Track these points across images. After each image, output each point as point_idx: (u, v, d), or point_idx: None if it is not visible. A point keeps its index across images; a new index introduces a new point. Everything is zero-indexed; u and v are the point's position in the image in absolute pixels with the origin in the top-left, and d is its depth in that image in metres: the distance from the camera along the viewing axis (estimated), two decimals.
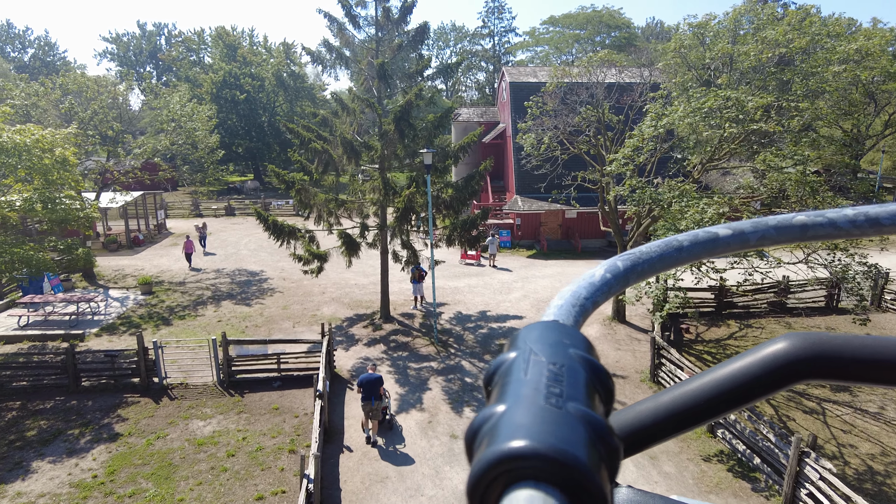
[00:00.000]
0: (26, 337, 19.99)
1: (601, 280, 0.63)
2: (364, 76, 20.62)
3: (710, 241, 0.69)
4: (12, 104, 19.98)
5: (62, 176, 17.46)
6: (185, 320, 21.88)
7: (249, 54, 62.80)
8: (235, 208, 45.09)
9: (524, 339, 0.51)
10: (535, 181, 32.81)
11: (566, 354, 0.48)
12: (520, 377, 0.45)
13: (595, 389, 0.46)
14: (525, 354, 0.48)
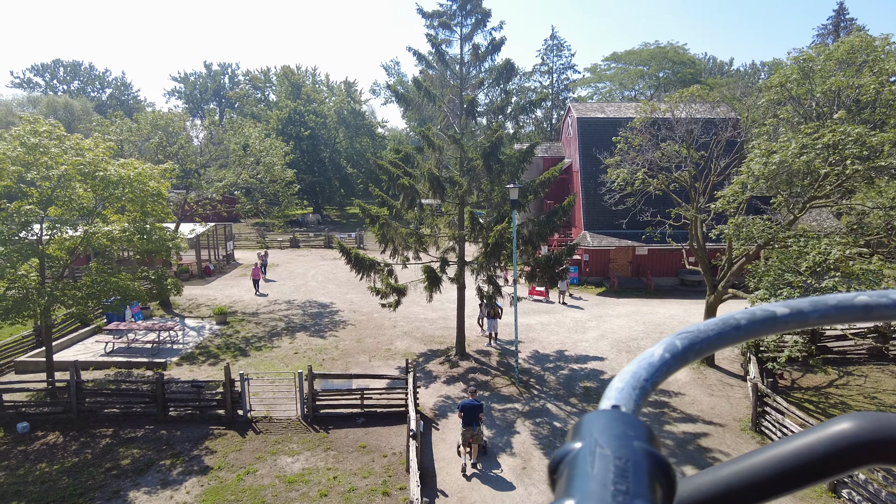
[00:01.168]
0: (113, 363, 20.42)
1: (660, 360, 0.64)
2: (444, 113, 20.70)
3: (768, 319, 0.69)
4: (111, 139, 20.88)
5: (155, 208, 17.99)
6: (261, 351, 21.97)
7: (312, 92, 65.02)
8: (299, 240, 45.91)
9: (589, 430, 0.52)
10: (603, 217, 32.15)
11: (631, 448, 0.50)
12: (586, 471, 0.47)
13: (658, 483, 0.48)
14: (591, 447, 0.50)
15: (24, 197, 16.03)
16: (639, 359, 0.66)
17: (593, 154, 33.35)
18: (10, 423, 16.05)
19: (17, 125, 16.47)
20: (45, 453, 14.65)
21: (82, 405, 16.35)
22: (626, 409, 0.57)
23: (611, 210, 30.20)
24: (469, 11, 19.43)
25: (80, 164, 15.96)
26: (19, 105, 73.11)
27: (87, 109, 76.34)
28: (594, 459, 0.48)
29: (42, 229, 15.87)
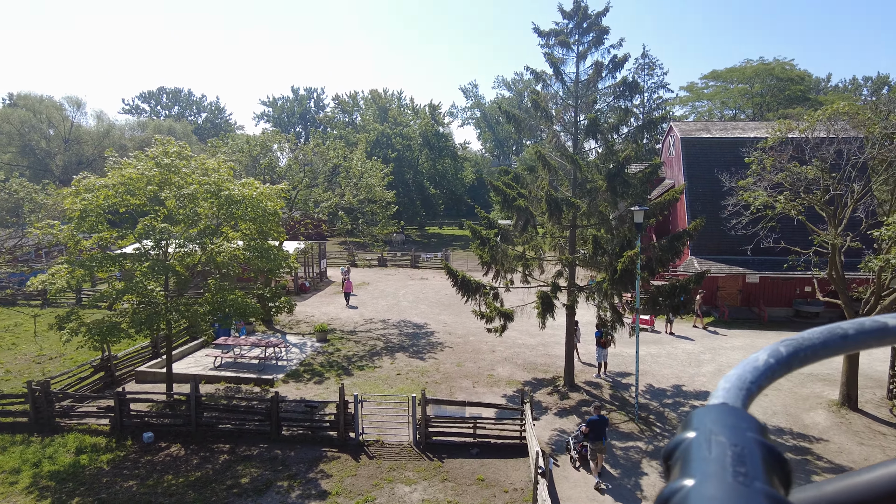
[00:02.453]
0: (223, 378, 20.86)
1: (765, 365, 0.65)
2: (552, 133, 20.04)
3: (877, 330, 0.67)
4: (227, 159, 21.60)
5: (272, 227, 18.30)
6: (364, 371, 21.84)
7: (398, 115, 66.30)
8: (387, 259, 46.30)
9: (701, 421, 0.55)
10: (711, 242, 30.26)
11: (745, 437, 0.52)
12: (704, 455, 0.50)
13: (773, 471, 0.50)
14: (706, 435, 0.53)
15: (153, 214, 16.71)
16: (744, 363, 0.66)
17: (699, 175, 31.69)
18: (137, 432, 16.54)
19: (152, 146, 17.26)
20: (171, 465, 14.90)
21: (200, 419, 16.64)
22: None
23: (719, 235, 28.39)
24: (586, 29, 18.81)
25: (206, 183, 16.47)
26: (131, 129, 78.91)
27: (186, 132, 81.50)
28: (710, 445, 0.51)
29: (168, 246, 16.40)
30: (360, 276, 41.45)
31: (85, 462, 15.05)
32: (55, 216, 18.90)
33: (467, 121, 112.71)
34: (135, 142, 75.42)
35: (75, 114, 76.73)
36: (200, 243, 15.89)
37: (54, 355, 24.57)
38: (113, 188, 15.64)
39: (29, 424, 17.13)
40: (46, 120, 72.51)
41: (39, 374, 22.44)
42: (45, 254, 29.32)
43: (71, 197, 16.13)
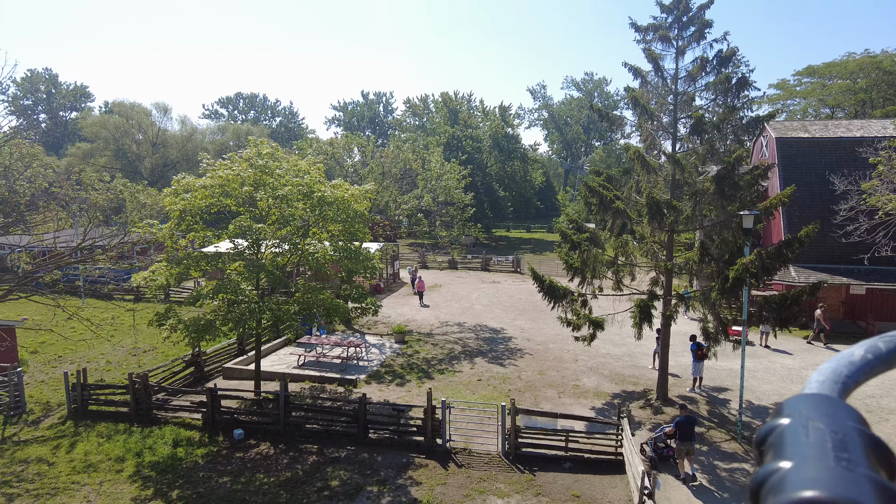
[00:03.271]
0: (307, 377, 21.05)
1: (861, 360, 0.63)
2: (647, 132, 19.03)
3: None
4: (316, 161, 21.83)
5: (359, 229, 18.27)
6: (444, 375, 21.52)
7: (468, 117, 66.07)
8: (457, 262, 46.05)
9: (796, 408, 0.54)
10: (809, 249, 28.11)
11: (846, 425, 0.51)
12: (801, 440, 0.49)
13: (879, 461, 0.49)
14: (802, 421, 0.52)
15: (247, 214, 16.99)
16: (838, 357, 0.64)
17: (796, 178, 29.55)
18: (228, 428, 16.86)
19: (246, 148, 17.59)
20: (261, 464, 15.03)
21: (289, 418, 16.76)
22: None
23: (817, 242, 26.31)
24: (686, 23, 17.76)
25: (299, 184, 16.60)
26: (211, 133, 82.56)
27: (263, 136, 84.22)
28: (808, 431, 0.50)
29: (262, 245, 16.61)
30: (432, 278, 41.34)
31: (181, 455, 15.43)
32: (153, 216, 19.61)
33: (534, 122, 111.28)
34: (215, 145, 78.85)
35: (162, 119, 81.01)
36: (293, 244, 15.99)
37: (148, 348, 25.66)
38: (210, 189, 16.00)
39: (129, 415, 17.82)
40: (137, 125, 76.89)
41: (136, 366, 23.46)
42: (143, 251, 30.77)
43: (171, 197, 16.65)
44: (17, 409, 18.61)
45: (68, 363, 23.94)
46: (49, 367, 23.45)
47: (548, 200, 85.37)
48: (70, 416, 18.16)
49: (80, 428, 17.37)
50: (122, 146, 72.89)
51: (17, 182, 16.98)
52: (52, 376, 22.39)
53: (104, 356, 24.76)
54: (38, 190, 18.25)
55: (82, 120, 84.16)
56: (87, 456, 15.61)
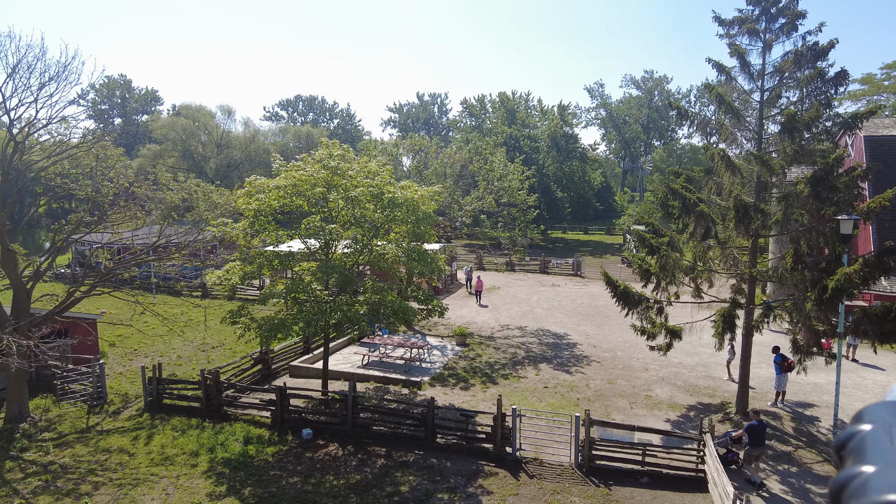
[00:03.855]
0: (372, 377, 21.04)
1: None
2: (726, 131, 18.00)
3: None
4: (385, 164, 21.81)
5: (427, 230, 18.07)
6: (509, 381, 21.07)
7: (526, 117, 65.27)
8: (515, 264, 45.41)
9: (878, 415, 0.53)
10: None
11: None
12: (884, 445, 0.50)
13: None
14: (885, 427, 0.51)
15: (319, 215, 17.06)
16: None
17: (889, 180, 27.48)
18: (296, 427, 16.98)
19: (318, 149, 17.69)
20: (330, 465, 15.02)
21: (356, 419, 16.72)
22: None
23: None
24: (774, 15, 16.69)
25: (370, 185, 16.54)
26: (273, 134, 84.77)
27: (323, 137, 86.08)
28: (892, 437, 0.49)
29: (333, 246, 16.63)
30: (489, 279, 40.87)
31: (252, 452, 15.61)
32: (223, 215, 20.02)
33: (591, 122, 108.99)
34: (277, 146, 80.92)
35: (226, 121, 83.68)
36: (364, 244, 15.93)
37: (216, 344, 26.35)
38: (283, 189, 16.14)
39: (201, 410, 18.22)
40: (203, 127, 79.73)
41: (205, 361, 24.10)
42: (212, 249, 31.69)
43: (244, 197, 16.91)
44: (100, 399, 19.37)
45: (143, 356, 24.84)
46: (126, 360, 24.39)
47: (605, 201, 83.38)
48: (146, 408, 18.75)
49: (157, 421, 17.88)
50: (188, 147, 75.77)
51: (102, 183, 17.64)
52: (129, 368, 23.27)
53: (175, 351, 25.57)
54: (119, 189, 18.92)
55: (152, 122, 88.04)
56: (163, 449, 16.03)
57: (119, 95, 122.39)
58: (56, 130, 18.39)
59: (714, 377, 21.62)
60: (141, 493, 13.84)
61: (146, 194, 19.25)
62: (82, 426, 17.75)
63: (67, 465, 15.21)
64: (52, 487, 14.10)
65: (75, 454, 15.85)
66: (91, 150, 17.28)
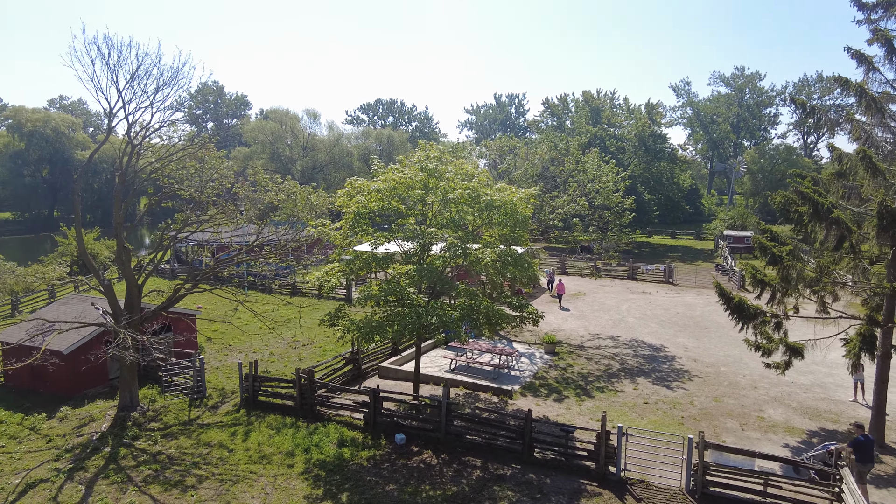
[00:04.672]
0: (461, 383, 20.60)
1: None
2: (857, 128, 16.14)
3: None
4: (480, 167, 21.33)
5: (521, 233, 17.39)
6: (605, 394, 20.02)
7: (612, 116, 63.06)
8: (600, 269, 43.78)
9: None
10: None
11: None
12: None
13: None
14: None
15: (415, 217, 16.79)
16: None
17: None
18: (388, 431, 16.77)
19: (416, 151, 17.44)
20: (426, 474, 14.65)
21: (450, 427, 16.28)
22: None
23: None
24: None
25: (467, 188, 16.08)
26: (356, 137, 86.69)
27: (403, 140, 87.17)
28: None
29: (429, 249, 16.28)
30: (574, 285, 39.57)
31: (347, 456, 15.51)
32: (319, 215, 20.20)
33: (676, 121, 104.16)
34: (359, 149, 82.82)
35: (311, 124, 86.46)
36: (461, 248, 15.48)
37: (306, 342, 26.84)
38: (382, 191, 15.97)
39: (295, 409, 18.42)
40: (289, 130, 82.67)
41: (296, 359, 24.56)
42: (306, 249, 32.46)
43: (344, 198, 16.90)
44: (199, 393, 20.04)
45: (237, 352, 25.66)
46: (221, 355, 25.25)
47: (692, 204, 79.35)
48: (243, 404, 19.17)
49: (252, 417, 18.22)
50: (276, 150, 78.81)
51: (207, 184, 18.23)
52: (225, 364, 24.04)
53: (268, 347, 26.24)
54: (221, 190, 19.50)
55: (243, 126, 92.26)
56: (260, 446, 16.25)
57: (212, 101, 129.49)
58: (164, 133, 19.25)
59: (835, 399, 19.62)
60: (241, 491, 14.02)
61: (246, 195, 19.75)
62: (185, 418, 18.37)
63: (174, 457, 15.70)
64: (161, 478, 14.56)
65: (180, 446, 16.37)
66: (197, 153, 17.86)
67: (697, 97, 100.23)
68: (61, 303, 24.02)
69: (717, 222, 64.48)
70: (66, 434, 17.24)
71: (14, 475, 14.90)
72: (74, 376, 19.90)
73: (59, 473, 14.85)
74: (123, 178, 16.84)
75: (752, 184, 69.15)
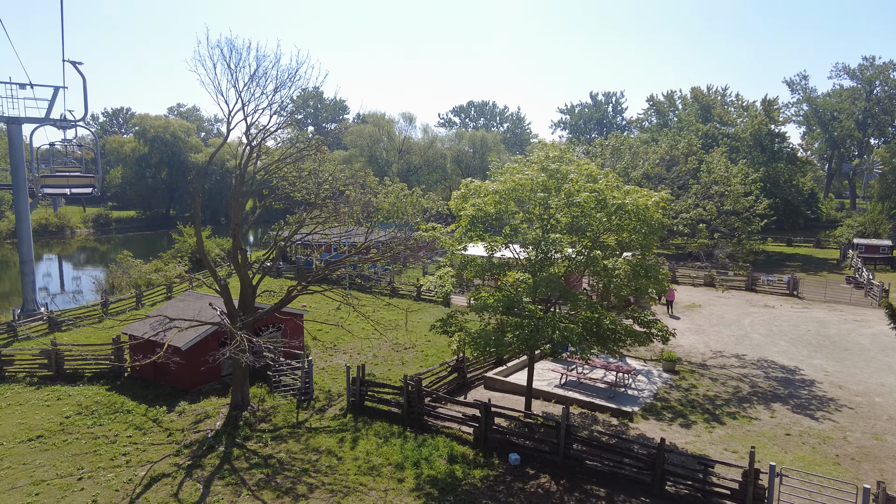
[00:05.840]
0: (574, 401, 19.24)
1: None
2: None
3: None
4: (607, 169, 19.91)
5: (652, 241, 15.79)
6: (737, 421, 17.94)
7: (723, 114, 58.71)
8: (714, 279, 40.51)
9: None
10: None
11: None
12: None
13: None
14: None
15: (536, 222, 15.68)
16: None
17: None
18: (500, 449, 15.79)
19: (534, 151, 16.35)
20: (545, 501, 13.51)
21: (568, 450, 15.02)
22: None
23: None
24: None
25: (593, 189, 14.77)
26: (449, 140, 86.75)
27: (496, 141, 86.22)
28: None
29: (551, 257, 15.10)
30: (687, 296, 36.82)
31: (459, 474, 14.67)
32: (428, 219, 19.54)
33: (791, 118, 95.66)
34: (453, 151, 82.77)
35: (407, 128, 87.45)
36: (587, 256, 14.20)
37: (408, 345, 26.45)
38: (500, 193, 15.00)
39: (401, 417, 17.86)
40: (386, 133, 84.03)
41: (399, 362, 24.17)
42: (414, 251, 32.31)
43: (458, 200, 16.09)
44: (307, 395, 20.02)
45: (342, 353, 25.69)
46: (326, 355, 25.35)
47: (810, 208, 72.42)
48: (349, 408, 18.90)
49: (359, 423, 17.86)
50: (373, 153, 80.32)
51: (323, 187, 18.12)
52: (330, 364, 24.08)
53: (371, 349, 26.09)
54: (334, 191, 19.36)
55: (342, 130, 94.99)
56: (368, 456, 15.77)
57: (312, 105, 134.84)
58: (278, 136, 19.40)
59: None
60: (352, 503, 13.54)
61: (358, 197, 19.50)
62: (293, 420, 18.33)
63: (284, 462, 15.56)
64: (273, 483, 14.40)
65: (290, 450, 16.24)
66: (312, 155, 17.77)
67: (815, 92, 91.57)
68: (179, 299, 25.07)
69: (844, 229, 58.29)
70: (184, 429, 17.67)
71: (140, 467, 15.33)
72: (191, 372, 20.51)
73: (179, 469, 15.10)
74: (241, 180, 16.99)
75: (881, 186, 61.88)
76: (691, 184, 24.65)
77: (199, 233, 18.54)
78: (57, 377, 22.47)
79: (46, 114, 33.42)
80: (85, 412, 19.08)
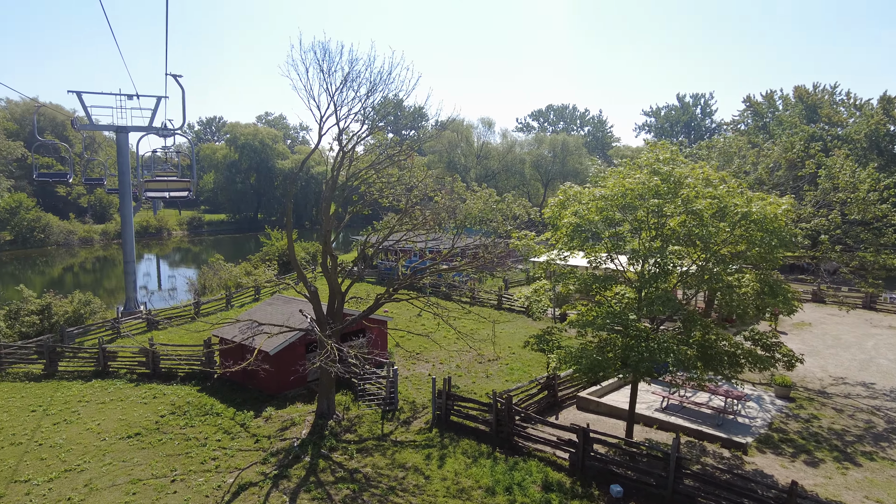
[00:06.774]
0: (679, 428, 17.56)
1: None
2: None
3: None
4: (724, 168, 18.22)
5: (779, 256, 13.98)
6: (876, 463, 15.64)
7: (832, 114, 53.84)
8: (824, 294, 36.88)
9: None
10: None
11: None
12: None
13: None
14: None
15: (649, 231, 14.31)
16: None
17: None
18: (599, 478, 14.49)
19: (643, 153, 14.99)
20: None
21: (678, 485, 13.52)
22: None
23: None
24: None
25: (713, 196, 13.24)
26: (528, 144, 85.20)
27: (578, 145, 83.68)
28: None
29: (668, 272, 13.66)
30: None
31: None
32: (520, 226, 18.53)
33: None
34: (531, 156, 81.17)
35: (486, 133, 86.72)
36: (710, 272, 12.71)
37: (492, 357, 25.47)
38: (606, 200, 13.76)
39: (490, 435, 16.93)
40: (464, 139, 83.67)
41: (483, 375, 23.26)
42: (502, 260, 31.44)
43: (556, 208, 14.99)
44: (391, 405, 19.49)
45: (424, 361, 25.10)
46: (409, 363, 24.83)
47: None
48: (434, 423, 18.18)
49: (446, 440, 17.08)
50: (452, 158, 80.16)
51: (413, 192, 17.56)
52: (413, 373, 23.52)
53: (453, 359, 25.34)
54: (422, 197, 18.78)
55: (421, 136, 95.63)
56: (457, 477, 14.93)
57: (392, 112, 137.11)
58: (366, 142, 19.06)
59: None
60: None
61: (447, 203, 18.81)
62: (378, 432, 17.82)
63: (370, 477, 15.01)
64: (360, 501, 13.84)
65: (375, 465, 15.68)
66: (402, 161, 17.24)
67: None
68: (268, 303, 25.36)
69: None
70: (270, 436, 17.56)
71: (228, 473, 15.25)
72: (279, 377, 20.51)
73: (266, 479, 14.88)
74: (333, 186, 16.69)
75: None
76: (806, 190, 22.18)
77: (291, 238, 18.47)
78: (153, 375, 23.27)
79: (150, 123, 35.28)
80: (178, 412, 19.46)
